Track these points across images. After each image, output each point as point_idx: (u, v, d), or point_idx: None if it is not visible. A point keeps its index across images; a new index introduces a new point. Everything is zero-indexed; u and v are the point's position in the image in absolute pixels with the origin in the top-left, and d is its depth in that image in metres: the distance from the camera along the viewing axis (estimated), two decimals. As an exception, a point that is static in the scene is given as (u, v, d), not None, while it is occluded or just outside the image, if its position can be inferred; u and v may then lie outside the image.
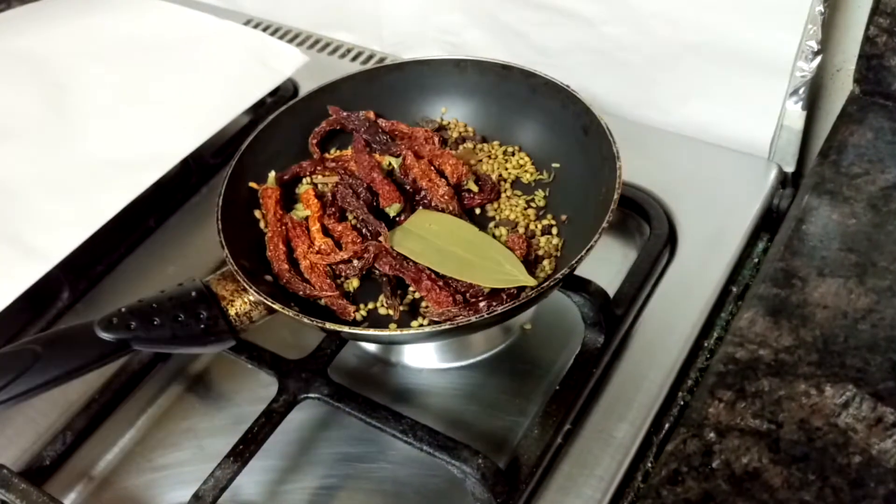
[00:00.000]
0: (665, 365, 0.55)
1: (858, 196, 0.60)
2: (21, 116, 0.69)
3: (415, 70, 0.66)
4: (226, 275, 0.53)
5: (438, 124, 0.66)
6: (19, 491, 0.51)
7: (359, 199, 0.59)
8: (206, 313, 0.51)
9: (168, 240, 0.71)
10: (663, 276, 0.61)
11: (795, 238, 0.58)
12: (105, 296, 0.67)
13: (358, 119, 0.65)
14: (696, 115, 0.71)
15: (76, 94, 0.71)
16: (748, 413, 0.48)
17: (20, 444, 0.57)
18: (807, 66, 0.64)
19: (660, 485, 0.46)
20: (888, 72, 0.64)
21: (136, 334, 0.50)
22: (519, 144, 0.64)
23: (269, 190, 0.60)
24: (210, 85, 0.73)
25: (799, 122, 0.67)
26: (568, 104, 0.60)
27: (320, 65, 0.84)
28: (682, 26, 0.66)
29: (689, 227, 0.63)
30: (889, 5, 0.61)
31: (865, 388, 0.48)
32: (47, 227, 0.61)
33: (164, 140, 0.68)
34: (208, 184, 0.75)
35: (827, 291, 0.54)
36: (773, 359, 0.51)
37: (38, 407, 0.58)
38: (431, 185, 0.59)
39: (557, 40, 0.74)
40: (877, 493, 0.44)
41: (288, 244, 0.58)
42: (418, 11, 0.82)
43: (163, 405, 0.61)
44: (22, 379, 0.47)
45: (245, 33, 0.81)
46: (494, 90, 0.64)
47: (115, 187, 0.63)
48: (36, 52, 0.76)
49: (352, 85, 0.66)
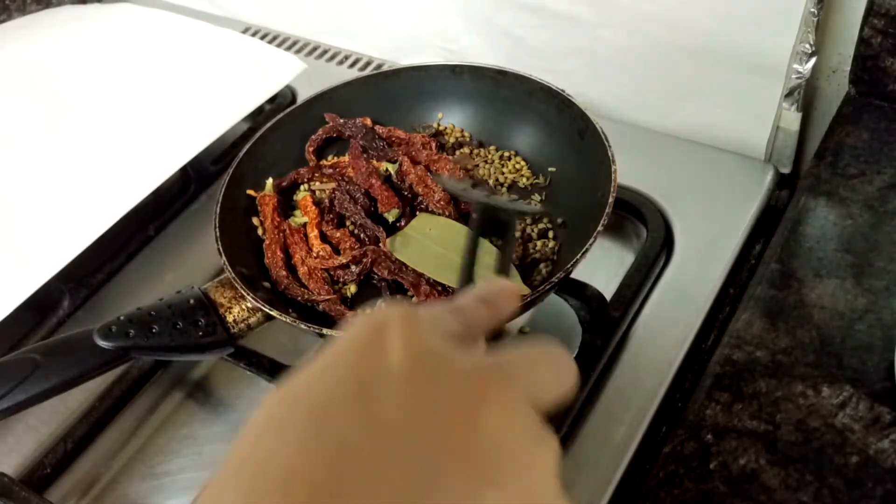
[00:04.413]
0: (662, 367, 0.55)
1: (855, 197, 0.60)
2: (20, 125, 0.70)
3: (411, 76, 0.67)
4: (224, 282, 0.54)
5: (435, 130, 0.66)
6: (20, 499, 0.52)
7: (356, 204, 0.59)
8: (204, 320, 0.52)
9: (167, 248, 0.71)
10: (660, 278, 0.61)
11: (792, 239, 0.58)
12: (105, 304, 0.67)
13: (355, 125, 0.65)
14: (691, 118, 0.71)
15: (74, 103, 0.72)
16: (745, 414, 0.49)
17: (21, 451, 0.57)
18: (802, 68, 0.64)
19: (657, 486, 0.46)
20: (883, 72, 0.64)
21: (135, 342, 0.50)
22: (515, 149, 0.65)
23: (266, 197, 0.61)
24: (208, 93, 0.74)
25: (795, 123, 0.67)
26: (563, 108, 0.60)
27: (318, 72, 0.84)
28: (676, 29, 0.67)
29: (686, 229, 0.63)
30: (883, 6, 0.61)
31: (862, 389, 0.48)
32: (46, 237, 0.62)
33: (162, 148, 0.68)
34: (207, 191, 0.75)
35: (824, 292, 0.54)
36: (770, 360, 0.51)
37: (38, 415, 0.58)
38: (427, 191, 0.59)
39: (553, 44, 0.75)
40: (874, 493, 0.44)
41: (286, 251, 0.58)
42: (415, 18, 0.82)
43: (163, 412, 0.61)
44: (22, 388, 0.47)
45: (243, 41, 0.81)
46: (490, 95, 0.65)
47: (114, 196, 0.64)
48: (34, 61, 0.76)
49: (349, 91, 0.66)
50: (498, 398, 0.23)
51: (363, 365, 0.22)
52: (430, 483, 0.20)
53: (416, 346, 0.23)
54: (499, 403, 0.23)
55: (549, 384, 0.25)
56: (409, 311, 0.24)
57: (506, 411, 0.23)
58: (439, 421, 0.21)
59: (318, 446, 0.20)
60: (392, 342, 0.22)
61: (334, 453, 0.20)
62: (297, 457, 0.20)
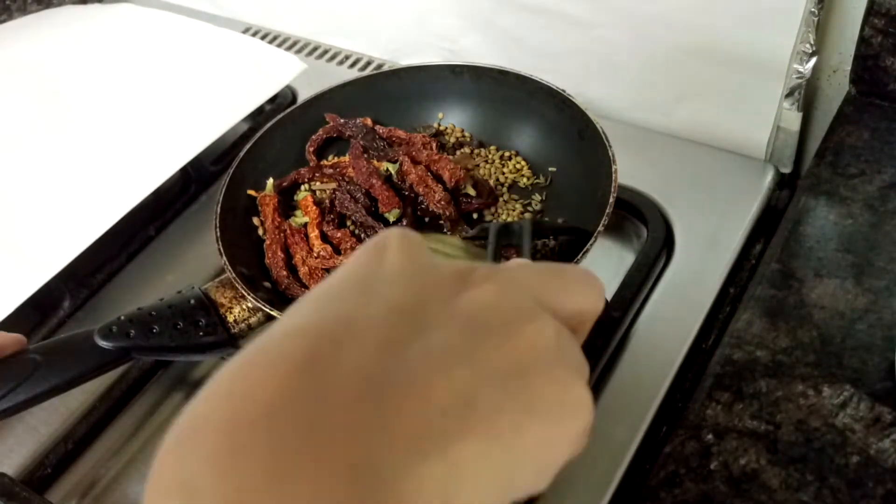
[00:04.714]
0: (662, 367, 0.55)
1: (855, 196, 0.60)
2: (20, 125, 0.70)
3: (412, 76, 0.67)
4: (224, 282, 0.54)
5: (435, 130, 0.66)
6: (21, 499, 0.52)
7: (357, 203, 0.59)
8: (204, 320, 0.52)
9: (168, 248, 0.71)
10: (660, 278, 0.61)
11: (792, 239, 0.58)
12: (106, 304, 0.67)
13: (356, 125, 0.65)
14: (691, 118, 0.71)
15: (75, 103, 0.72)
16: (746, 414, 0.49)
17: (21, 452, 0.57)
18: (802, 68, 0.64)
19: (658, 487, 0.46)
20: (884, 72, 0.64)
21: (136, 342, 0.50)
22: (516, 149, 0.65)
23: (267, 197, 0.61)
24: (209, 93, 0.74)
25: (795, 123, 0.67)
26: (564, 108, 0.60)
27: (318, 72, 0.84)
28: (676, 29, 0.67)
29: (686, 229, 0.63)
30: (883, 6, 0.61)
31: (863, 389, 0.48)
32: (47, 236, 0.62)
33: (163, 148, 0.68)
34: (207, 191, 0.75)
35: (824, 292, 0.54)
36: (770, 360, 0.51)
37: (39, 415, 0.58)
38: (428, 191, 0.59)
39: (553, 44, 0.75)
40: (875, 493, 0.44)
41: (286, 251, 0.58)
42: (415, 17, 0.82)
43: (164, 412, 0.61)
44: (22, 388, 0.48)
45: (243, 41, 0.81)
46: (491, 95, 0.65)
47: (115, 196, 0.64)
48: (34, 61, 0.76)
49: (349, 92, 0.66)
50: (489, 277, 0.25)
51: (363, 268, 0.25)
52: (412, 335, 0.22)
53: (410, 249, 0.25)
54: (490, 281, 0.24)
55: (562, 295, 0.26)
56: (408, 231, 0.26)
57: (496, 286, 0.24)
58: (427, 293, 0.24)
59: (318, 316, 0.22)
60: (390, 251, 0.25)
61: (332, 320, 0.22)
62: (300, 322, 0.22)
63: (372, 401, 0.20)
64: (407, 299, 0.23)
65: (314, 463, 0.19)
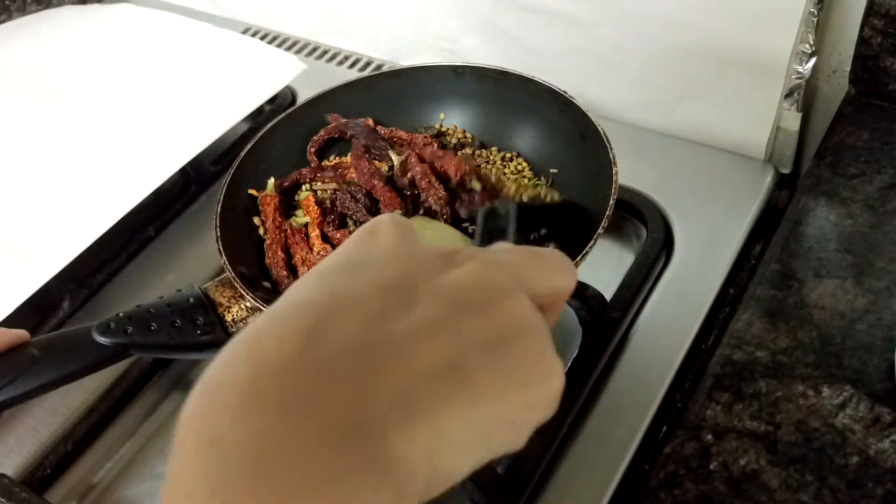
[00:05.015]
0: (662, 368, 0.55)
1: (855, 197, 0.60)
2: (20, 125, 0.70)
3: (413, 77, 0.67)
4: (224, 281, 0.54)
5: (437, 130, 0.66)
6: (20, 500, 0.52)
7: (358, 203, 0.59)
8: (202, 319, 0.52)
9: (168, 248, 0.71)
10: (660, 279, 0.61)
11: (792, 239, 0.58)
12: (105, 304, 0.67)
13: (357, 126, 0.65)
14: (691, 118, 0.71)
15: (75, 104, 0.72)
16: (746, 415, 0.49)
17: (21, 452, 0.57)
18: (802, 68, 0.64)
19: (658, 487, 0.46)
20: (883, 72, 0.64)
21: (133, 339, 0.50)
22: (517, 150, 0.65)
23: (268, 197, 0.61)
24: (209, 93, 0.74)
25: (795, 123, 0.67)
26: (565, 110, 0.60)
27: (318, 72, 0.84)
28: (676, 29, 0.67)
29: (686, 229, 0.63)
30: (883, 6, 0.61)
31: (863, 389, 0.48)
32: (46, 237, 0.62)
33: (162, 148, 0.68)
34: (207, 191, 0.75)
35: (824, 292, 0.54)
36: (770, 360, 0.51)
37: (39, 415, 0.58)
38: (429, 186, 0.59)
39: (554, 44, 0.75)
40: (875, 494, 0.44)
41: (287, 251, 0.58)
42: (416, 18, 0.82)
43: (163, 413, 0.61)
44: (19, 381, 0.48)
45: (243, 42, 0.81)
46: (492, 96, 0.65)
47: (114, 196, 0.64)
48: (34, 61, 0.76)
49: (350, 92, 0.66)
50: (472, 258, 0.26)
51: (357, 250, 0.27)
52: (400, 309, 0.24)
53: (400, 234, 0.27)
54: (473, 261, 0.26)
55: (538, 275, 0.28)
56: (398, 217, 0.29)
57: (478, 266, 0.26)
58: (414, 273, 0.26)
59: (317, 292, 0.25)
60: (381, 235, 0.27)
61: (329, 295, 0.24)
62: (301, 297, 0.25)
63: (363, 365, 0.22)
64: (396, 277, 0.25)
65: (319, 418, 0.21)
